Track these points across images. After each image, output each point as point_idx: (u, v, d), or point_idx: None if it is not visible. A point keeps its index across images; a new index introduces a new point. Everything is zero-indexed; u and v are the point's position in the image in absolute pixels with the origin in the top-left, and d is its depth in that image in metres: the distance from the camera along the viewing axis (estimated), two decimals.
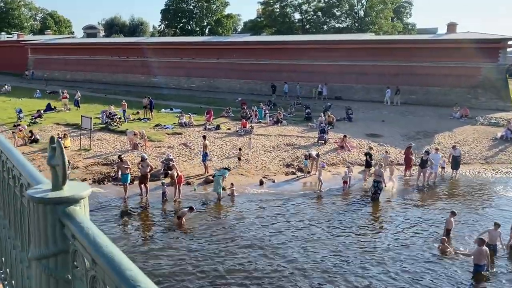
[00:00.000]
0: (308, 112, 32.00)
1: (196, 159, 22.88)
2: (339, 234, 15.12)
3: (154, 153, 23.51)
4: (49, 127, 29.59)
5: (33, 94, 45.05)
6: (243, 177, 20.47)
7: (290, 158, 23.28)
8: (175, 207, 17.37)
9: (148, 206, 17.65)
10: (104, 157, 22.75)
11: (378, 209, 17.86)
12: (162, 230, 15.57)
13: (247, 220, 16.23)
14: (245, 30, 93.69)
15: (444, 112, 34.58)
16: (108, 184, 19.59)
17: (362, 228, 15.78)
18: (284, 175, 21.23)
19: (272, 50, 47.21)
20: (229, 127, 29.82)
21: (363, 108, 36.74)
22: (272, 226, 15.73)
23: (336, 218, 16.62)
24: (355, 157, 23.81)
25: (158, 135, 27.11)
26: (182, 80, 52.61)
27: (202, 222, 16.06)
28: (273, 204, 17.73)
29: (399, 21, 75.21)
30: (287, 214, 16.86)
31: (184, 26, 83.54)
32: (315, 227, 15.72)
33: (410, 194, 19.61)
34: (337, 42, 45.25)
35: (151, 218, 16.65)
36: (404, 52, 40.27)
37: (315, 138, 26.77)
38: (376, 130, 29.01)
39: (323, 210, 17.56)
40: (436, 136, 28.02)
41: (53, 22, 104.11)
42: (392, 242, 14.58)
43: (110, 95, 46.46)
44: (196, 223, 15.90)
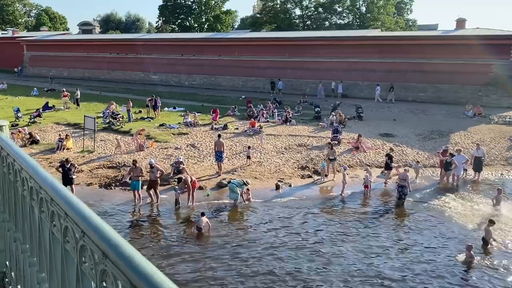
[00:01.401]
0: (318, 111, 30.92)
1: (206, 161, 21.77)
2: (364, 248, 14.03)
3: (161, 155, 22.37)
4: (49, 127, 28.43)
5: (30, 92, 43.75)
6: (258, 181, 19.36)
7: (304, 160, 22.19)
8: (189, 214, 16.24)
9: (160, 213, 16.52)
10: (109, 160, 21.57)
11: (403, 216, 16.79)
12: (177, 240, 14.45)
13: (265, 229, 15.13)
14: (243, 27, 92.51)
15: (456, 110, 33.63)
16: (115, 189, 18.42)
17: (387, 240, 14.69)
18: (300, 178, 20.13)
19: (276, 46, 46.13)
20: (236, 126, 28.72)
21: (372, 107, 35.74)
22: (292, 236, 14.63)
23: (359, 228, 15.49)
24: (372, 159, 22.76)
25: (163, 135, 25.97)
26: (182, 78, 51.42)
27: (218, 231, 14.95)
28: (292, 212, 16.62)
29: (401, 17, 74.20)
30: (308, 223, 15.75)
31: (182, 23, 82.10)
32: (339, 238, 14.62)
33: (435, 199, 18.55)
34: (343, 38, 44.15)
35: (164, 227, 15.48)
36: (412, 48, 39.33)
37: (328, 138, 25.71)
38: (389, 130, 27.99)
39: (346, 218, 16.45)
40: (451, 135, 27.01)
41: (48, 18, 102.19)
42: (419, 256, 13.51)
43: (109, 93, 45.23)
44: (213, 232, 14.79)
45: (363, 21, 67.80)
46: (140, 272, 1.28)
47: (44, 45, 62.64)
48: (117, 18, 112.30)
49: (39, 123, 29.18)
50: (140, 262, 1.32)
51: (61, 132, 25.71)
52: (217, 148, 20.39)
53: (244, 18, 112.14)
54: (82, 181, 18.76)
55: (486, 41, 36.59)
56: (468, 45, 36.55)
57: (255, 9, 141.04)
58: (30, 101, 38.65)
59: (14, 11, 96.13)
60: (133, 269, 1.30)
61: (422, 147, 24.73)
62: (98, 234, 1.50)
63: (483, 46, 35.77)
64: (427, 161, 22.87)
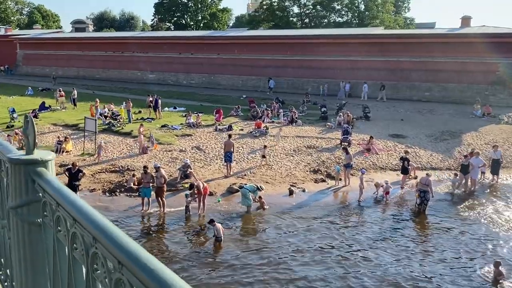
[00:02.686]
0: (324, 111, 30.02)
1: (213, 164, 20.80)
2: (385, 258, 13.19)
3: (165, 158, 21.37)
4: (46, 128, 27.31)
5: (25, 91, 42.52)
6: (270, 185, 18.43)
7: (315, 162, 21.29)
8: (201, 223, 15.27)
9: (169, 222, 15.53)
10: (111, 163, 20.54)
11: (425, 223, 15.93)
12: (187, 249, 13.50)
13: (281, 238, 14.22)
14: (237, 25, 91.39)
15: (463, 110, 32.94)
16: (120, 195, 17.41)
17: (407, 249, 13.82)
18: (314, 182, 19.22)
19: (276, 45, 45.20)
20: (241, 127, 27.77)
21: (377, 106, 34.93)
22: (309, 245, 13.74)
23: (379, 236, 14.63)
24: (385, 161, 21.90)
25: (166, 137, 24.96)
26: (180, 76, 50.37)
27: (231, 241, 14.02)
28: (308, 219, 15.72)
29: (399, 15, 73.50)
30: (325, 231, 14.87)
31: (178, 20, 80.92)
32: (358, 246, 13.79)
33: (456, 206, 17.71)
34: (345, 36, 43.32)
35: (173, 237, 14.52)
36: (417, 47, 38.56)
37: (336, 139, 24.85)
38: (399, 130, 27.16)
39: (365, 225, 15.59)
40: (463, 136, 26.23)
41: (41, 16, 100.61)
42: (443, 268, 12.67)
43: (105, 92, 44.09)
44: (226, 241, 13.85)
45: (362, 19, 67.01)
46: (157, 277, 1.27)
47: (37, 43, 61.26)
48: (111, 16, 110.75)
49: (35, 124, 27.95)
50: (159, 267, 1.31)
51: (60, 134, 24.65)
52: (226, 148, 19.54)
53: (239, 16, 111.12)
54: (84, 187, 17.72)
55: (492, 39, 35.92)
56: (474, 44, 35.81)
57: (249, 7, 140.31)
58: (25, 101, 37.47)
59: (6, 8, 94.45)
60: (151, 275, 1.29)
61: (435, 148, 23.91)
62: (111, 241, 1.51)
63: (489, 45, 35.07)
64: (441, 163, 22.06)
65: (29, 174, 2.19)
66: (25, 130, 2.33)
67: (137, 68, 52.93)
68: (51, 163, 2.28)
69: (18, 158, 2.24)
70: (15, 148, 2.48)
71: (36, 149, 2.30)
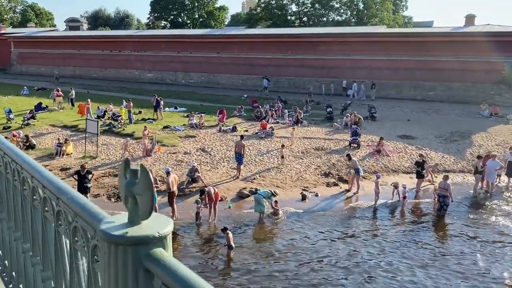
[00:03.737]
0: (330, 111, 29.35)
1: (220, 167, 20.07)
2: (402, 268, 12.55)
3: (170, 161, 20.61)
4: (44, 130, 26.45)
5: (20, 91, 41.57)
6: (281, 189, 17.69)
7: (325, 165, 20.60)
8: (213, 231, 14.54)
9: (179, 229, 14.78)
10: (114, 167, 19.75)
11: (445, 230, 15.29)
12: (199, 260, 12.79)
13: (297, 247, 13.54)
14: (233, 23, 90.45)
15: (470, 110, 32.41)
16: None
17: (427, 257, 13.20)
18: (326, 186, 18.52)
19: (277, 43, 44.43)
20: (245, 128, 27.03)
21: (382, 106, 34.27)
22: (325, 255, 13.08)
23: (398, 244, 13.96)
24: (397, 163, 21.24)
25: (170, 138, 24.19)
26: (179, 76, 49.54)
27: (244, 250, 13.32)
28: (324, 225, 15.06)
29: (399, 14, 72.98)
30: (341, 239, 14.19)
31: (174, 19, 79.97)
32: (375, 255, 13.14)
33: (475, 211, 17.09)
34: (348, 35, 42.65)
35: (185, 246, 13.80)
36: (420, 46, 37.96)
37: (344, 140, 24.19)
38: (407, 131, 26.54)
39: (382, 231, 14.92)
40: (473, 137, 25.63)
41: (34, 14, 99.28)
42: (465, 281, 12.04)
43: (103, 92, 43.22)
44: (238, 251, 13.14)
45: (361, 18, 66.41)
46: None
47: (33, 41, 60.16)
48: (105, 15, 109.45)
49: (33, 125, 27.16)
50: None
51: (59, 136, 23.82)
52: (237, 149, 18.90)
53: (234, 15, 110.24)
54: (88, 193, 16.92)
55: (497, 38, 35.44)
56: (478, 42, 35.25)
57: (244, 6, 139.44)
58: (20, 101, 36.54)
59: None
60: None
61: (446, 150, 23.29)
62: None
63: (494, 43, 34.56)
64: (454, 165, 21.44)
65: (139, 260, 1.37)
66: (128, 185, 1.45)
67: (135, 67, 52.05)
68: (169, 237, 1.44)
69: (122, 235, 1.38)
70: (104, 213, 1.60)
71: None
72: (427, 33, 39.63)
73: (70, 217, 1.75)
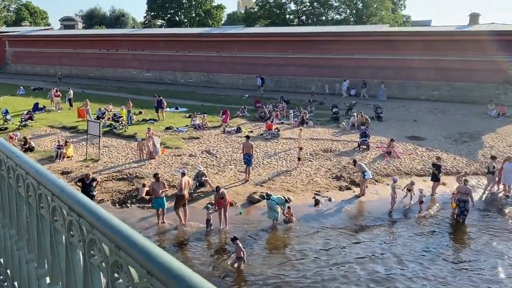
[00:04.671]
0: (336, 111, 28.70)
1: (227, 170, 19.36)
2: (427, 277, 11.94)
3: (175, 164, 19.89)
4: (42, 131, 25.67)
5: (16, 91, 40.67)
6: (292, 194, 17.03)
7: (336, 168, 19.94)
8: (224, 239, 13.83)
9: (189, 238, 14.08)
10: (118, 170, 18.99)
11: (465, 237, 14.66)
12: (210, 269, 12.11)
13: (314, 257, 12.86)
14: (229, 22, 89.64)
15: (476, 110, 31.86)
16: (132, 206, 15.91)
17: (449, 271, 12.60)
18: (338, 190, 17.85)
19: (278, 42, 43.72)
20: (250, 129, 26.36)
21: (387, 106, 33.62)
22: (340, 263, 12.46)
23: (417, 253, 13.29)
24: (409, 166, 20.60)
25: (173, 140, 23.46)
26: (178, 75, 48.74)
27: (256, 260, 12.63)
28: (341, 233, 14.39)
29: (398, 13, 72.46)
30: (357, 247, 13.53)
31: (171, 17, 79.05)
32: (393, 265, 12.53)
33: (492, 213, 16.49)
34: (350, 34, 42.01)
35: (195, 255, 13.09)
36: (424, 45, 37.36)
37: (353, 141, 23.56)
38: (415, 132, 25.95)
39: (399, 240, 14.24)
40: (483, 138, 25.06)
41: (28, 13, 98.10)
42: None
43: (100, 92, 42.40)
44: (250, 261, 12.46)
45: (361, 17, 65.79)
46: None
47: (28, 40, 59.11)
48: (101, 13, 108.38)
49: (30, 126, 26.35)
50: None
51: (59, 138, 23.02)
52: (245, 150, 18.22)
53: (230, 14, 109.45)
54: None
55: (503, 37, 34.90)
56: (483, 41, 34.70)
57: (240, 5, 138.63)
58: (17, 101, 35.71)
59: None
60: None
61: (458, 151, 22.69)
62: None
63: (500, 43, 34.04)
64: (467, 167, 20.82)
65: None
66: None
67: (133, 67, 51.22)
68: None
69: None
70: None
71: None
72: (432, 32, 39.04)
73: (65, 212, 1.86)
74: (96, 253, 1.67)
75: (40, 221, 2.25)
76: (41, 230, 2.24)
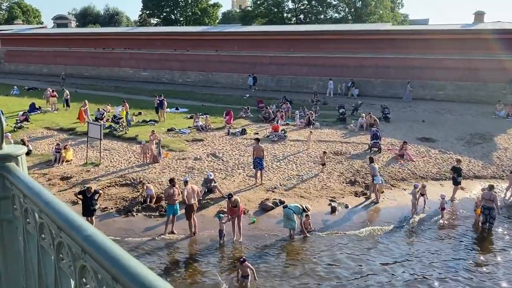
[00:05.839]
0: (343, 112, 27.86)
1: (236, 175, 18.44)
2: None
3: (180, 168, 18.95)
4: (39, 133, 24.63)
5: (10, 91, 39.47)
6: (306, 200, 16.13)
7: (349, 172, 19.07)
8: (236, 251, 12.92)
9: (198, 248, 13.16)
10: (120, 175, 18.02)
11: (492, 247, 13.84)
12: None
13: (337, 270, 12.01)
14: (225, 21, 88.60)
15: (484, 110, 31.16)
16: (138, 215, 14.94)
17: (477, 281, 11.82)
18: (354, 196, 17.00)
19: (279, 41, 42.79)
20: (255, 130, 25.47)
21: (392, 106, 32.77)
22: (365, 278, 11.64)
23: (444, 266, 12.47)
24: (424, 169, 19.77)
25: (176, 142, 22.50)
26: (176, 74, 47.68)
27: (273, 276, 11.75)
28: (363, 243, 13.52)
29: (397, 12, 71.81)
30: (380, 259, 12.68)
31: (167, 16, 77.85)
32: (418, 281, 11.72)
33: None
34: (353, 32, 41.15)
35: (206, 270, 12.17)
36: (429, 43, 36.59)
37: (363, 143, 22.73)
38: (425, 133, 25.14)
39: (421, 251, 13.37)
40: (495, 139, 24.32)
41: (21, 11, 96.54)
42: None
43: (97, 92, 41.30)
44: (264, 277, 11.57)
45: (360, 16, 65.01)
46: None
47: (21, 39, 57.71)
48: (95, 12, 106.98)
49: (26, 128, 25.28)
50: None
51: (57, 140, 22.00)
52: (256, 153, 17.35)
53: (225, 12, 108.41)
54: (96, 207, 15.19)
55: (509, 35, 34.18)
56: (489, 40, 33.98)
57: (234, 3, 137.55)
58: (11, 101, 34.57)
59: None
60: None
61: (472, 154, 21.90)
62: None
63: (506, 41, 33.34)
64: (484, 171, 20.04)
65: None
66: None
67: (129, 66, 50.09)
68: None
69: None
70: None
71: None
72: (436, 30, 38.22)
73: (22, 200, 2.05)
74: (64, 257, 1.68)
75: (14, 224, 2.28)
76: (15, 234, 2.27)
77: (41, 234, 1.87)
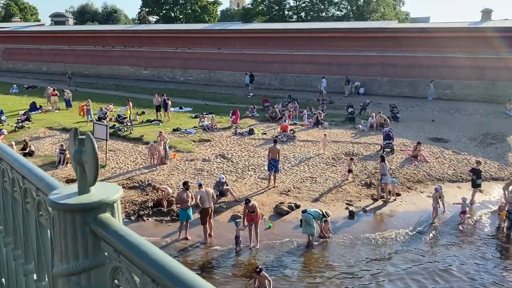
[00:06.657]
0: (352, 111, 27.27)
1: (247, 177, 17.83)
2: None
3: (189, 170, 18.33)
4: (41, 133, 23.93)
5: (9, 89, 38.76)
6: (322, 204, 15.55)
7: (363, 174, 18.50)
8: (253, 259, 12.31)
9: (212, 256, 12.56)
10: (127, 177, 17.39)
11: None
12: None
13: (360, 279, 11.46)
14: (223, 19, 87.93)
15: (494, 109, 30.70)
16: (149, 219, 14.32)
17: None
18: (371, 199, 16.42)
19: (283, 39, 42.16)
20: (263, 130, 24.87)
21: (399, 105, 32.23)
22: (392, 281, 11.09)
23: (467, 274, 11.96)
24: (440, 171, 19.20)
25: (183, 143, 21.87)
26: (177, 73, 47.00)
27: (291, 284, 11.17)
28: (385, 250, 12.97)
29: (398, 9, 71.28)
30: (401, 266, 12.13)
31: (167, 13, 77.08)
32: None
33: None
34: (358, 30, 40.55)
35: (220, 280, 11.57)
36: (435, 41, 36.04)
37: (374, 144, 22.16)
38: (437, 133, 24.62)
39: (444, 258, 12.81)
40: (508, 139, 23.78)
41: (18, 9, 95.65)
42: None
43: (97, 90, 40.65)
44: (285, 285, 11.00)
45: (361, 13, 64.46)
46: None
47: (20, 36, 56.84)
48: (92, 9, 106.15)
49: (28, 128, 24.59)
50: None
51: (60, 141, 21.34)
52: (271, 155, 16.74)
53: (224, 10, 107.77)
54: None
55: None
56: (497, 38, 33.44)
57: (232, 1, 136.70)
58: (10, 100, 33.94)
59: None
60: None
61: (486, 154, 21.35)
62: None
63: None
64: (501, 172, 19.48)
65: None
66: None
67: (130, 64, 49.37)
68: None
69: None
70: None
71: None
72: (443, 28, 37.63)
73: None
74: None
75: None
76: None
77: None
